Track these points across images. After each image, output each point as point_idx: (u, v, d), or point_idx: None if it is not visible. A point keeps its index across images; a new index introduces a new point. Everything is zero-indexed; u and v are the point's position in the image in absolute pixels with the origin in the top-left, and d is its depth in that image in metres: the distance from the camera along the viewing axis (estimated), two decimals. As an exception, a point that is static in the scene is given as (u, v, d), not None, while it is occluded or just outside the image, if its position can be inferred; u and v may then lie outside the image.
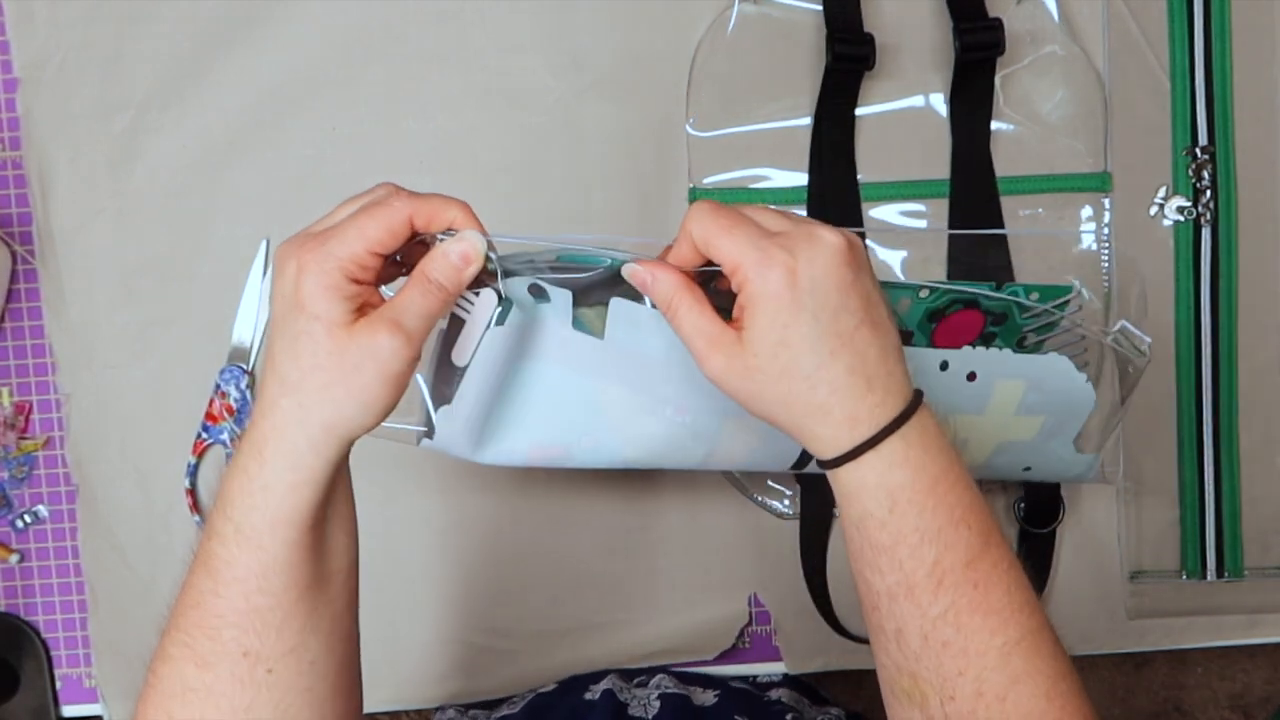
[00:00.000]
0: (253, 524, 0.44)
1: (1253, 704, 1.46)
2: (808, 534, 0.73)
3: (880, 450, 0.45)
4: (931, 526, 0.45)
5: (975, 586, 0.45)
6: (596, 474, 0.73)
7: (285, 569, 0.45)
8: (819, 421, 0.45)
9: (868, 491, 0.45)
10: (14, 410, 0.75)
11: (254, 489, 0.44)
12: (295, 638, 0.46)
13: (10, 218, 0.75)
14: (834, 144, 0.71)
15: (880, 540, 0.45)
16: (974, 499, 0.46)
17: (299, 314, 0.43)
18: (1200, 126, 0.72)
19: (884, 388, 0.45)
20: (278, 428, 0.43)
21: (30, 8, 0.73)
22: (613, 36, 0.72)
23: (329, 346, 0.43)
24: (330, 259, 0.43)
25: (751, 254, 0.44)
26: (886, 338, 0.45)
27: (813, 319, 0.43)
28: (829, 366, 0.44)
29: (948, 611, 0.44)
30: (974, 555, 0.45)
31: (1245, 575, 0.73)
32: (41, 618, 0.76)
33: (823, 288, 0.43)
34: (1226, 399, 0.72)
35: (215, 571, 0.45)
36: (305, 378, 0.43)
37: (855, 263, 0.45)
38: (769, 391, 0.45)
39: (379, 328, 0.43)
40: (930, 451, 0.45)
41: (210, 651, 0.45)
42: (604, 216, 0.72)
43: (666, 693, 0.65)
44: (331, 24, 0.72)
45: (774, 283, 0.43)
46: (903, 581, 0.45)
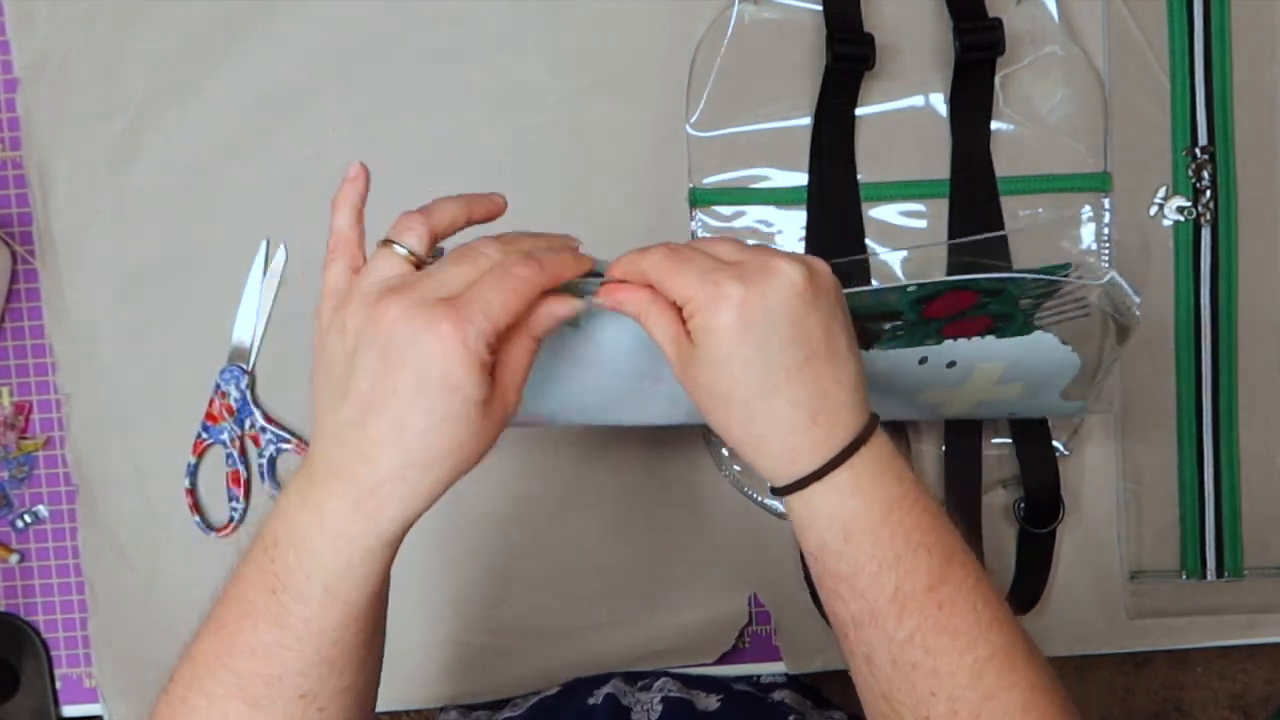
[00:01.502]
0: (346, 584, 0.43)
1: (1253, 704, 1.46)
2: (808, 534, 0.73)
3: (829, 482, 0.44)
4: (889, 554, 0.44)
5: (940, 608, 0.44)
6: (597, 474, 0.73)
7: (365, 618, 0.44)
8: (758, 451, 0.45)
9: (821, 522, 0.45)
10: (14, 410, 0.75)
11: (354, 552, 0.43)
12: (351, 677, 0.45)
13: (10, 218, 0.75)
14: (834, 144, 0.71)
15: (839, 569, 0.45)
16: (933, 521, 0.46)
17: (451, 396, 0.41)
18: (1200, 126, 0.72)
19: (830, 421, 0.44)
20: (402, 498, 0.42)
21: (30, 8, 0.73)
22: (613, 36, 0.72)
23: (479, 425, 0.42)
24: (480, 339, 0.41)
25: (702, 287, 0.44)
26: (841, 369, 0.45)
27: (756, 351, 0.43)
28: (768, 399, 0.44)
29: (914, 635, 0.44)
30: (936, 578, 0.45)
31: (1245, 575, 0.73)
32: (41, 618, 0.76)
33: (772, 320, 0.43)
34: (1226, 399, 0.72)
35: (288, 627, 0.43)
36: (447, 455, 0.42)
37: (812, 294, 0.44)
38: (711, 410, 0.46)
39: (512, 395, 0.44)
40: (884, 479, 0.45)
41: (265, 695, 0.44)
42: (604, 216, 0.72)
43: (669, 697, 0.65)
44: (331, 24, 0.72)
45: (723, 314, 0.43)
46: (866, 609, 0.45)
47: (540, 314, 0.45)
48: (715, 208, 0.72)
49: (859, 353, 0.46)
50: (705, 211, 0.72)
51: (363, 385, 0.42)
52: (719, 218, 0.72)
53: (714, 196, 0.72)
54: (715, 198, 0.72)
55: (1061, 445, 0.72)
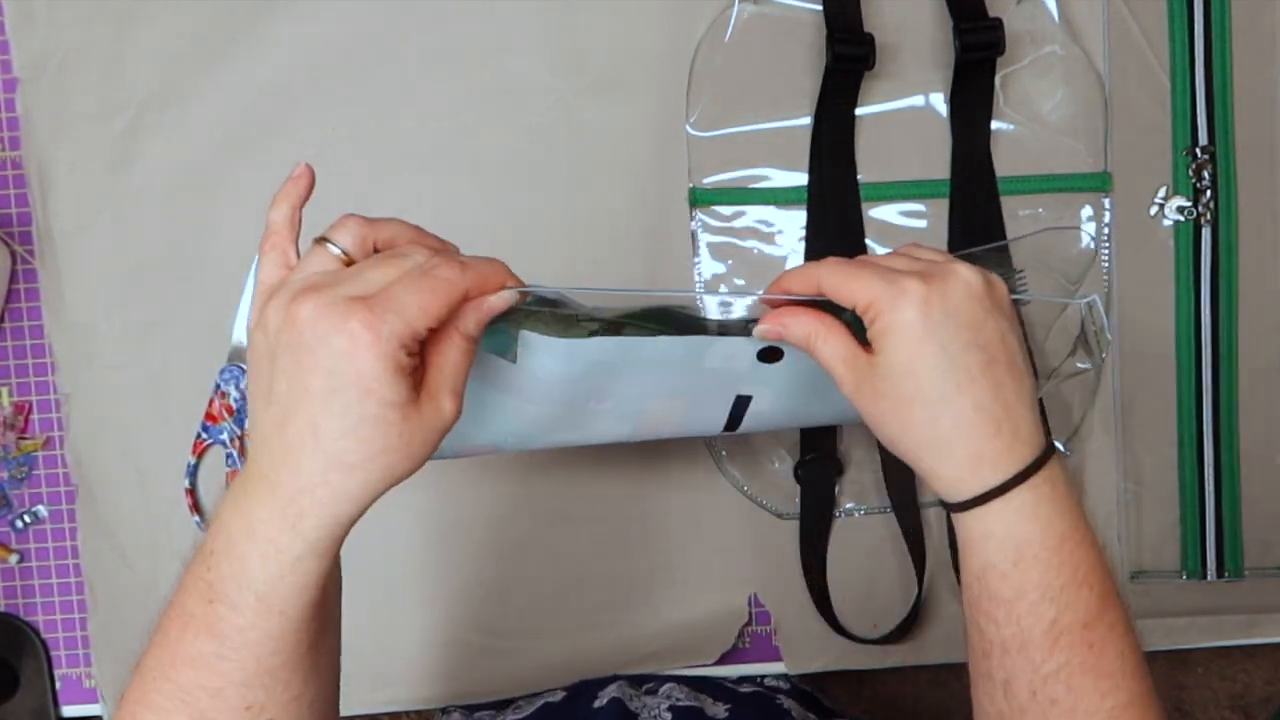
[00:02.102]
0: (279, 594, 0.41)
1: (1253, 704, 1.46)
2: (808, 534, 0.73)
3: (1009, 499, 0.44)
4: (1054, 584, 0.44)
5: (1090, 648, 0.44)
6: (596, 474, 0.73)
7: (304, 627, 0.43)
8: (941, 456, 0.45)
9: (994, 542, 0.45)
10: (14, 410, 0.75)
11: (284, 560, 0.41)
12: (300, 686, 0.44)
13: (10, 218, 0.75)
14: (834, 144, 0.71)
15: (1001, 593, 0.45)
16: (1097, 559, 0.46)
17: (364, 397, 0.39)
18: (1200, 126, 0.72)
19: (1013, 432, 0.44)
20: (323, 503, 0.41)
21: (30, 8, 0.73)
22: (613, 36, 0.72)
23: (401, 429, 0.40)
24: (393, 338, 0.39)
25: (883, 287, 0.44)
26: (1019, 383, 0.45)
27: (940, 349, 0.43)
28: (954, 399, 0.44)
29: (1060, 670, 0.44)
30: (1092, 616, 0.44)
31: (1245, 575, 0.73)
32: (41, 618, 0.76)
33: (954, 320, 0.44)
34: (1226, 399, 0.72)
35: (224, 637, 0.42)
36: (370, 459, 0.40)
37: (991, 302, 0.45)
38: (893, 417, 0.45)
39: (445, 401, 0.42)
40: (1059, 507, 0.45)
41: (210, 707, 0.43)
42: (604, 216, 0.72)
43: (678, 705, 0.65)
44: (332, 24, 0.72)
45: (906, 310, 0.43)
46: (1018, 636, 0.45)
47: (469, 309, 0.43)
48: (715, 208, 0.72)
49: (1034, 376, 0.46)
50: (705, 211, 0.72)
51: (281, 386, 0.41)
52: (719, 218, 0.72)
53: (714, 196, 0.72)
54: (715, 198, 0.72)
55: (1062, 445, 0.72)
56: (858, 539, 0.73)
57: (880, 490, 0.73)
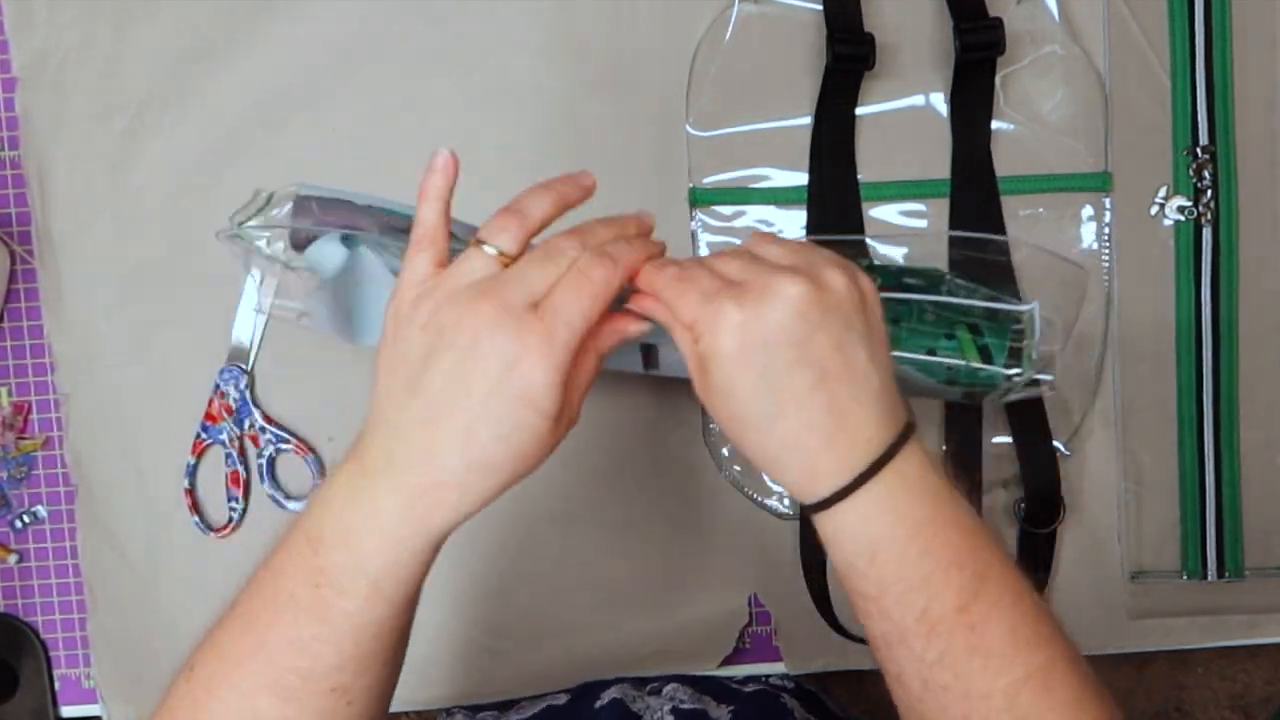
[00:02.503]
0: (392, 580, 0.43)
1: (1253, 704, 1.46)
2: (808, 534, 0.73)
3: (854, 500, 0.43)
4: (916, 575, 0.43)
5: (971, 629, 0.43)
6: (596, 474, 0.73)
7: (404, 614, 0.44)
8: (777, 470, 0.45)
9: (846, 541, 0.44)
10: (13, 410, 0.75)
11: (403, 550, 0.42)
12: (379, 672, 0.45)
13: (10, 218, 0.75)
14: (834, 144, 0.71)
15: (865, 590, 0.44)
16: (964, 539, 0.44)
17: (524, 408, 0.41)
18: (1200, 126, 0.72)
19: (850, 441, 0.43)
20: (459, 501, 0.42)
21: (30, 8, 0.73)
22: (613, 36, 0.72)
23: (545, 439, 0.43)
24: (563, 352, 0.41)
25: (702, 311, 0.43)
26: (860, 385, 0.43)
27: (758, 376, 0.42)
28: (778, 422, 0.43)
29: (943, 656, 0.43)
30: (968, 598, 0.43)
31: (1246, 575, 0.73)
32: (40, 618, 0.76)
33: (774, 342, 0.42)
34: (1226, 399, 0.72)
35: (329, 621, 0.43)
36: (510, 462, 0.42)
37: (819, 312, 0.42)
38: (728, 430, 0.45)
39: (574, 411, 0.44)
40: (914, 496, 0.43)
41: (299, 689, 0.43)
42: (603, 216, 0.72)
43: (681, 707, 0.64)
44: (332, 24, 0.72)
45: (722, 337, 0.42)
46: (894, 629, 0.44)
47: (608, 332, 0.45)
48: (715, 208, 0.72)
49: (886, 361, 0.45)
50: (705, 211, 0.72)
51: (436, 383, 0.42)
52: (719, 218, 0.72)
53: (714, 196, 0.72)
54: (715, 198, 0.72)
55: (1062, 445, 0.72)
56: (858, 539, 0.73)
57: (880, 490, 0.73)
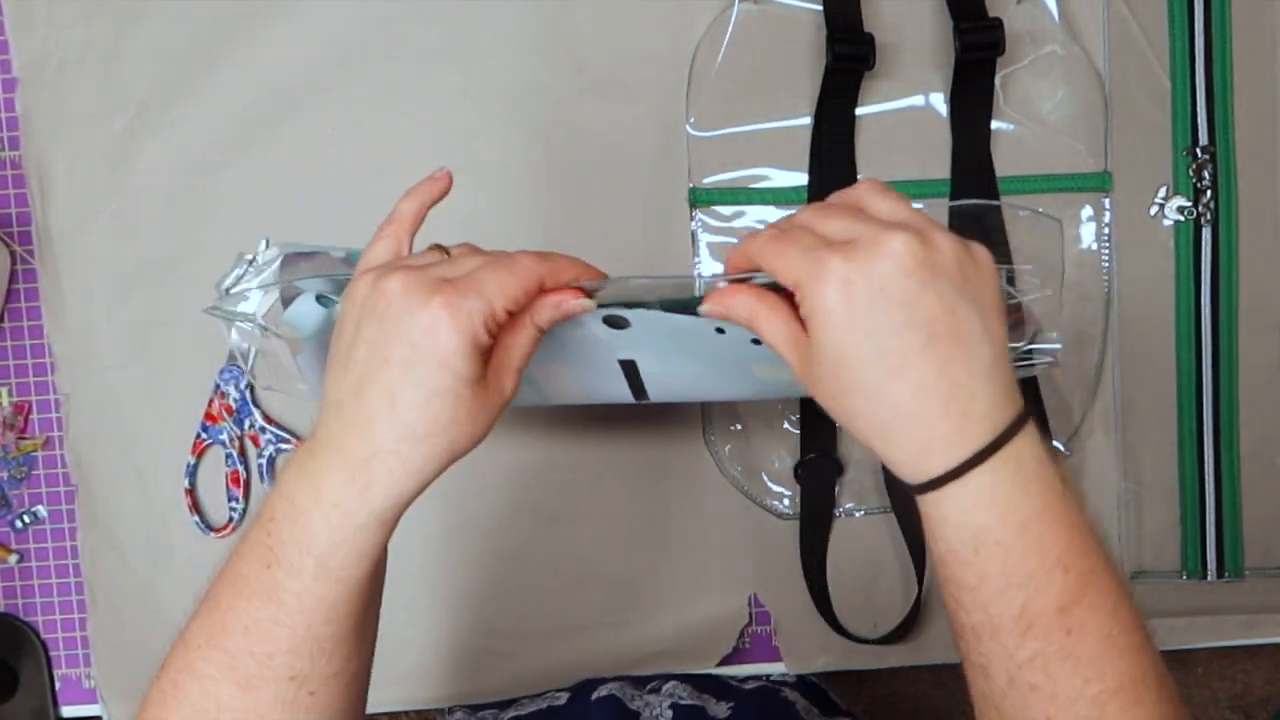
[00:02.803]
0: (338, 559, 0.43)
1: (1253, 704, 1.46)
2: (808, 534, 0.73)
3: (964, 484, 0.41)
4: (1020, 571, 0.41)
5: (1068, 633, 0.41)
6: (596, 475, 0.73)
7: (356, 598, 0.44)
8: (888, 445, 0.42)
9: (950, 528, 0.42)
10: (13, 410, 0.75)
11: (347, 526, 0.43)
12: (342, 662, 0.45)
13: (10, 218, 0.75)
14: (834, 144, 0.71)
15: (964, 579, 0.42)
16: (1073, 539, 0.42)
17: (441, 371, 0.42)
18: (1200, 126, 0.72)
19: (964, 412, 0.40)
20: (393, 472, 0.43)
21: (30, 8, 0.73)
22: (613, 36, 0.72)
23: (470, 404, 0.43)
24: (474, 316, 0.42)
25: (805, 268, 0.41)
26: (975, 352, 0.40)
27: (868, 336, 0.40)
28: (891, 387, 0.40)
29: (1035, 658, 0.41)
30: (1069, 600, 0.41)
31: (1246, 575, 0.73)
32: (41, 618, 0.76)
33: (882, 301, 0.40)
34: (1226, 399, 0.72)
35: (281, 603, 0.43)
36: (438, 431, 0.43)
37: (928, 271, 0.40)
38: (835, 406, 0.43)
39: (507, 379, 0.45)
40: (1026, 488, 0.41)
41: (256, 675, 0.44)
42: (604, 216, 0.72)
43: (680, 703, 0.64)
44: (331, 24, 0.72)
45: (828, 298, 0.40)
46: (987, 622, 0.42)
47: (546, 303, 0.46)
48: (715, 208, 0.72)
49: (1001, 336, 0.42)
50: (705, 211, 0.72)
51: (361, 353, 0.43)
52: (719, 218, 0.72)
53: (714, 196, 0.72)
54: (715, 198, 0.72)
55: (1062, 445, 0.72)
56: (858, 539, 0.73)
57: (880, 490, 0.73)
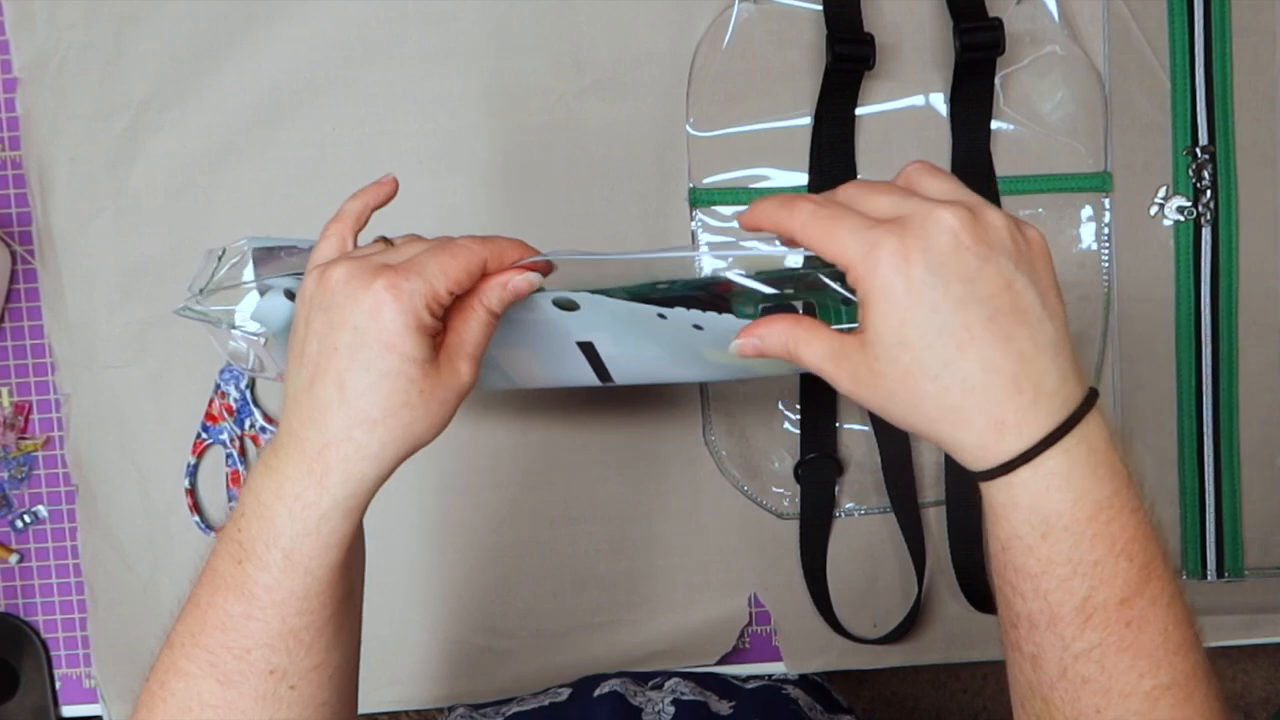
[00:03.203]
0: (304, 550, 0.43)
1: (1253, 704, 1.46)
2: (808, 534, 0.73)
3: (1036, 466, 0.40)
4: (1087, 559, 0.40)
5: (1128, 625, 0.40)
6: (597, 475, 0.73)
7: (328, 589, 0.44)
8: (958, 428, 0.40)
9: (1019, 513, 0.40)
10: (14, 410, 0.75)
11: (309, 517, 0.43)
12: (322, 654, 0.45)
13: (10, 218, 0.75)
14: (834, 144, 0.71)
15: (1026, 566, 0.41)
16: (1139, 526, 0.41)
17: (386, 352, 0.42)
18: (1200, 126, 0.72)
19: (1036, 387, 0.39)
20: (348, 459, 0.43)
21: (30, 8, 0.73)
22: (613, 36, 0.72)
23: (421, 385, 0.43)
24: (416, 296, 0.42)
25: (857, 248, 0.40)
26: (1039, 327, 0.40)
27: (931, 311, 0.39)
28: (958, 364, 0.39)
29: (1093, 649, 0.41)
30: (1131, 591, 0.40)
31: (1245, 575, 0.73)
32: (41, 618, 0.76)
33: (942, 275, 0.39)
34: (1226, 399, 0.72)
35: (252, 597, 0.44)
36: (390, 414, 0.43)
37: (984, 243, 0.39)
38: (899, 396, 0.41)
39: (461, 364, 0.45)
40: (1097, 471, 0.40)
41: (235, 670, 0.44)
42: (604, 216, 0.72)
43: (682, 699, 0.64)
44: (331, 24, 0.72)
45: (884, 275, 0.39)
46: (1045, 611, 0.41)
47: (493, 284, 0.46)
48: (715, 208, 0.72)
49: (1061, 314, 0.41)
50: (705, 211, 0.72)
51: (313, 346, 0.43)
52: (719, 218, 0.72)
53: (714, 196, 0.72)
54: (715, 198, 0.72)
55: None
56: (858, 539, 0.73)
57: (880, 490, 0.73)
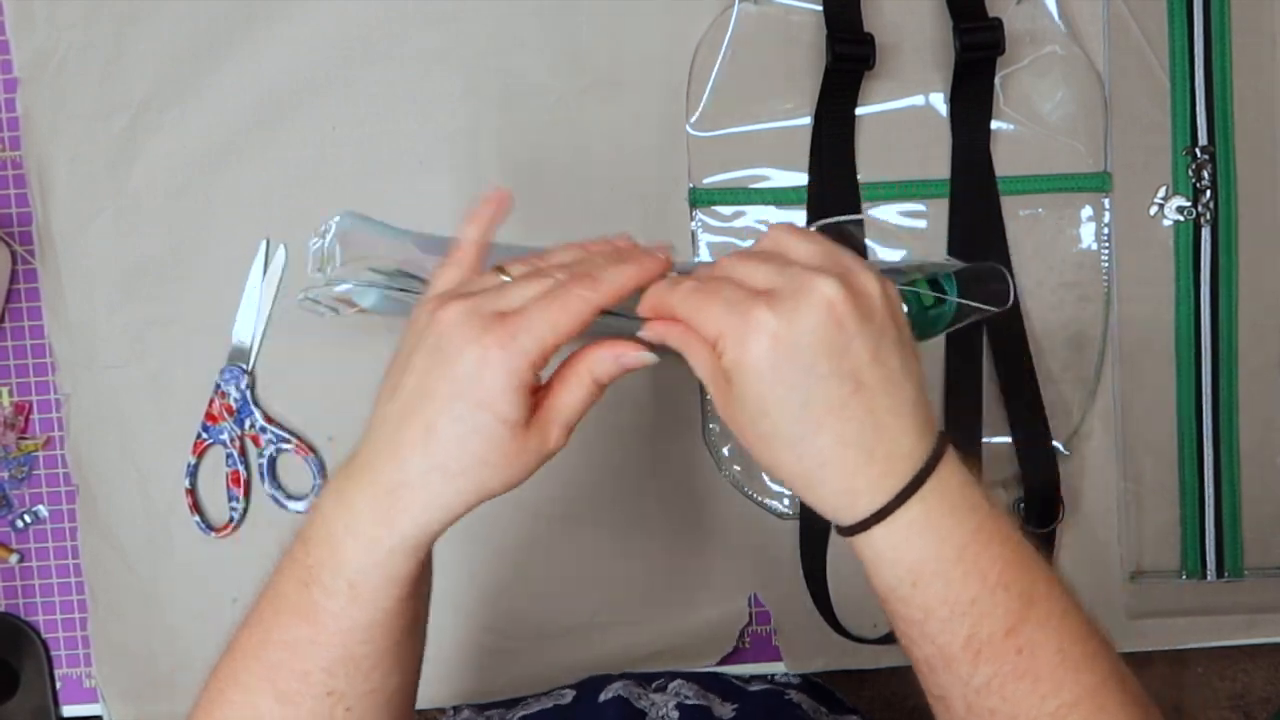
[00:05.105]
0: (372, 584, 0.43)
1: (1253, 704, 1.46)
2: (808, 534, 0.73)
3: (892, 523, 0.41)
4: (963, 598, 0.41)
5: (1019, 652, 0.41)
6: (597, 475, 0.73)
7: (392, 620, 0.44)
8: (812, 491, 0.42)
9: (885, 566, 0.42)
10: (14, 410, 0.75)
11: (378, 551, 0.43)
12: (380, 680, 0.45)
13: (10, 218, 0.75)
14: (834, 144, 0.71)
15: (908, 614, 0.42)
16: (1013, 554, 0.42)
17: (481, 410, 0.41)
18: (1200, 126, 0.72)
19: (888, 455, 0.41)
20: (420, 504, 0.42)
21: (30, 8, 0.73)
22: (613, 36, 0.72)
23: (507, 445, 0.42)
24: (521, 357, 0.41)
25: (729, 320, 0.41)
26: (895, 394, 0.41)
27: (791, 389, 0.40)
28: (814, 439, 0.41)
29: (990, 681, 0.41)
30: (1015, 619, 0.41)
31: (1245, 575, 0.73)
32: (41, 618, 0.76)
33: (809, 353, 0.40)
34: (1226, 399, 0.72)
35: (318, 623, 0.43)
36: (470, 469, 0.42)
37: (857, 318, 0.40)
38: (758, 449, 0.43)
39: (554, 430, 0.44)
40: (956, 513, 0.41)
41: (295, 690, 0.44)
42: (604, 216, 0.72)
43: (686, 703, 0.64)
44: (331, 24, 0.72)
45: (753, 349, 0.40)
46: (938, 654, 0.42)
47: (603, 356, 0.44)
48: (715, 208, 0.72)
49: (917, 368, 0.42)
50: (705, 211, 0.72)
51: (410, 383, 0.43)
52: (719, 218, 0.72)
53: (714, 196, 0.72)
54: (715, 198, 0.72)
55: (1061, 445, 0.72)
56: (858, 539, 0.73)
57: (880, 490, 0.73)
